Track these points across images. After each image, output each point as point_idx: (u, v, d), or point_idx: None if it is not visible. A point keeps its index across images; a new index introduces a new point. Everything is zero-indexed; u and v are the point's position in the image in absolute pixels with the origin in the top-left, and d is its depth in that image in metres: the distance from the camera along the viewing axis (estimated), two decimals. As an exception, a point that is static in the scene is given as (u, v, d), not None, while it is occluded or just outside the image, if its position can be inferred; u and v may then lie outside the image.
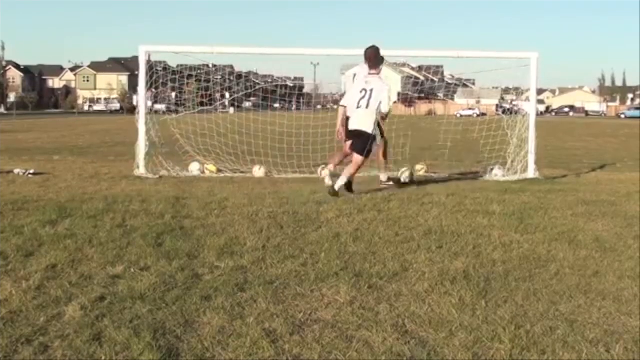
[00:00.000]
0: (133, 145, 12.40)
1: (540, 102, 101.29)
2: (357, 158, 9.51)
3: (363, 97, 9.60)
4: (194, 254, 5.57)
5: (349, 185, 9.39)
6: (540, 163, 12.54)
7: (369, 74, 9.81)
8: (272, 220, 7.20)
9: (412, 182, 10.96)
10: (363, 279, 4.87)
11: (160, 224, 6.84)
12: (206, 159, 12.57)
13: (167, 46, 13.15)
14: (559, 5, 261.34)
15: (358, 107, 9.60)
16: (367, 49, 9.88)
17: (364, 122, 9.58)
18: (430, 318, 4.06)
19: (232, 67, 24.04)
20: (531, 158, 12.20)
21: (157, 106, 15.79)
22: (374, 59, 9.81)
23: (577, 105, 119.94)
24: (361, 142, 9.54)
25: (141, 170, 11.77)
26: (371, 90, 9.58)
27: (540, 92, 46.32)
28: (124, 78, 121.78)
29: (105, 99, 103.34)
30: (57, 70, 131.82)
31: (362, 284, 4.76)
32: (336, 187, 9.10)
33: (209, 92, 15.65)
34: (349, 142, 9.75)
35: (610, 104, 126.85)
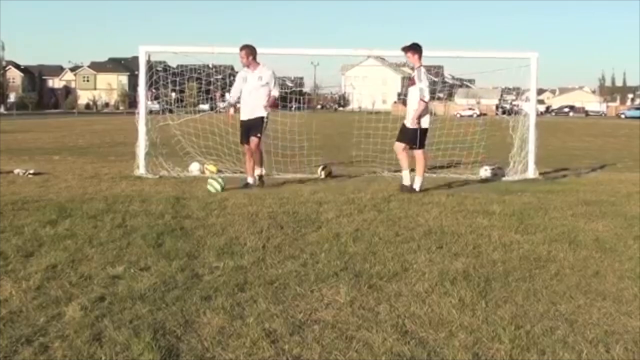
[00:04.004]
0: (133, 146, 12.40)
1: (540, 102, 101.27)
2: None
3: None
4: (194, 254, 5.58)
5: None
6: (540, 163, 12.55)
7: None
8: (272, 220, 7.20)
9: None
10: (363, 279, 4.87)
11: (160, 224, 6.84)
12: (207, 159, 12.57)
13: (167, 46, 13.14)
14: (559, 5, 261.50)
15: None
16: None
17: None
18: (430, 318, 4.06)
19: (232, 67, 23.99)
20: (531, 158, 12.21)
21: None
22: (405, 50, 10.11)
23: (577, 105, 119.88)
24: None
25: (141, 170, 11.78)
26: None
27: (540, 92, 46.28)
28: (124, 78, 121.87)
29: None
30: (57, 70, 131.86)
31: (362, 284, 4.76)
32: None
33: (209, 96, 15.62)
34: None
35: (610, 104, 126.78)
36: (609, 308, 4.29)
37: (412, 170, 9.92)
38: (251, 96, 10.23)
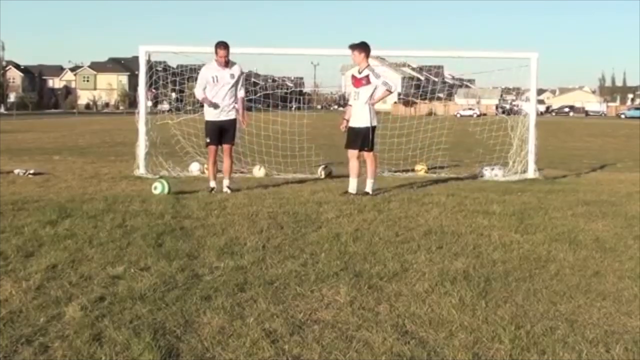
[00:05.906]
0: (133, 145, 12.40)
1: (540, 102, 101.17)
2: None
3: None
4: (194, 254, 5.57)
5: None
6: (540, 163, 12.55)
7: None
8: (272, 220, 7.20)
9: None
10: (363, 279, 4.87)
11: (160, 224, 6.84)
12: (206, 159, 12.54)
13: (167, 46, 13.15)
14: (559, 5, 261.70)
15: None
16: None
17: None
18: (430, 318, 4.06)
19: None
20: (531, 158, 12.21)
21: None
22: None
23: (577, 105, 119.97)
24: None
25: (141, 170, 11.78)
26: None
27: (540, 92, 46.45)
28: (124, 78, 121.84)
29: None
30: (57, 70, 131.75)
31: (362, 284, 4.76)
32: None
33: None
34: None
35: (610, 104, 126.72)
36: (609, 308, 4.29)
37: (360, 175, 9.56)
38: (225, 95, 9.78)
